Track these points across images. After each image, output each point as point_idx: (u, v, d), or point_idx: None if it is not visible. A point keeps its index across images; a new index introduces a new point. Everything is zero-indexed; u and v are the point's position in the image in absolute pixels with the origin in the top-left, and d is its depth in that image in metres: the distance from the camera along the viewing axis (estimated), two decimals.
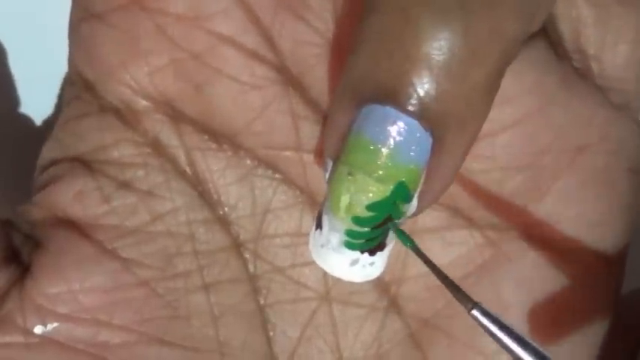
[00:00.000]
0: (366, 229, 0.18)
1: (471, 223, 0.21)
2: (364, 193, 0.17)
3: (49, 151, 0.21)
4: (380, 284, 0.21)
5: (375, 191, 0.17)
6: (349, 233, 0.18)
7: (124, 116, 0.21)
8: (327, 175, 0.18)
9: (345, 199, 0.18)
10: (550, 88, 0.20)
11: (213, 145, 0.21)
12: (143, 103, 0.20)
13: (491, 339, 0.21)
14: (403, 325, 0.21)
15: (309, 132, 0.20)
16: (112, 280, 0.20)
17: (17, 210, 0.21)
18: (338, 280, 0.21)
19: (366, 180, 0.17)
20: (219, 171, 0.21)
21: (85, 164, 0.21)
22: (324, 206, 0.18)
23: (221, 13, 0.20)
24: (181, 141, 0.21)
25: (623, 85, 0.20)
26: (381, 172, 0.17)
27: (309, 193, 0.21)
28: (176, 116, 0.20)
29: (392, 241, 0.19)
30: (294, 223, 0.21)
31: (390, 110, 0.17)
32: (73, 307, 0.20)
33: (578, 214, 0.20)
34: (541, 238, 0.21)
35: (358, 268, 0.19)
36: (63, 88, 0.25)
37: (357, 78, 0.17)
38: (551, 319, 0.21)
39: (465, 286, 0.21)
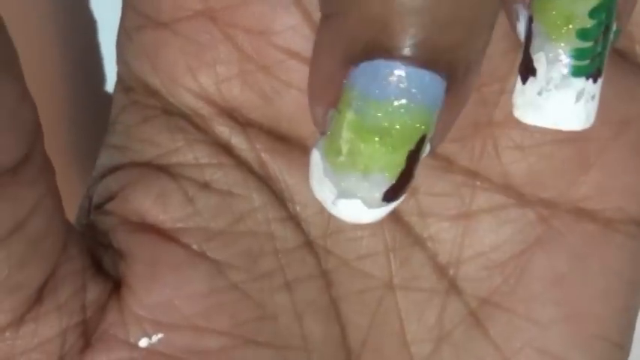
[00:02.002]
0: (591, 43, 0.18)
1: (522, 200, 0.22)
2: (583, 0, 0.17)
3: (108, 160, 0.21)
4: (438, 268, 0.22)
5: None
6: (575, 54, 0.18)
7: (193, 121, 0.21)
8: (520, 24, 0.18)
9: (564, 15, 0.18)
10: None
11: (282, 147, 0.21)
12: (211, 109, 0.20)
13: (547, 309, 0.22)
14: (463, 305, 0.22)
15: None
16: (208, 285, 0.20)
17: (83, 222, 0.21)
18: (400, 268, 0.22)
19: None
20: (289, 171, 0.21)
21: (160, 168, 0.20)
22: (532, 47, 0.18)
23: (290, 29, 0.20)
24: (251, 144, 0.21)
25: None
26: None
27: None
28: (244, 122, 0.21)
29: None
30: None
31: None
32: (174, 316, 0.19)
33: (624, 185, 0.22)
34: (589, 210, 0.22)
35: (582, 105, 0.18)
36: None
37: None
38: (603, 287, 0.22)
39: (521, 261, 0.22)
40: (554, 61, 0.18)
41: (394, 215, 0.22)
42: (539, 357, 0.22)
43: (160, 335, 0.19)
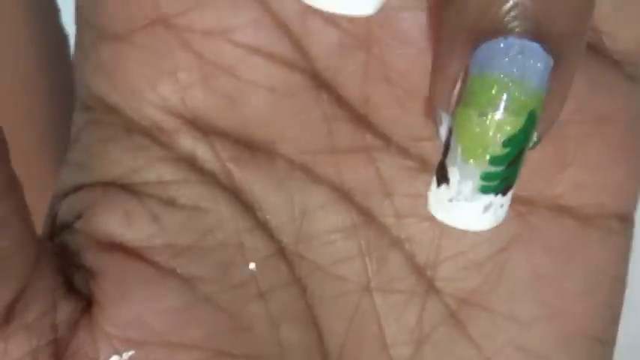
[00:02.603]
0: (502, 167, 0.18)
1: None
2: (498, 130, 0.18)
3: (70, 178, 0.21)
4: (416, 269, 0.22)
5: (509, 126, 0.18)
6: (485, 176, 0.18)
7: (155, 136, 0.20)
8: (443, 128, 0.18)
9: (479, 141, 0.18)
10: None
11: (248, 155, 0.21)
12: (174, 121, 0.20)
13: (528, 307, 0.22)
14: (443, 305, 0.22)
15: (344, 132, 0.21)
16: (179, 299, 0.20)
17: (48, 237, 0.21)
18: (377, 270, 0.22)
19: (498, 117, 0.17)
20: (256, 179, 0.21)
21: (123, 187, 0.20)
22: (448, 159, 0.18)
23: (250, 24, 0.20)
24: (215, 154, 0.21)
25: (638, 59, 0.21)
26: (513, 106, 0.17)
27: (344, 192, 0.21)
28: (208, 130, 0.20)
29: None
30: (330, 222, 0.21)
31: (511, 41, 0.17)
32: (146, 332, 0.19)
33: (602, 180, 0.22)
34: (567, 207, 0.22)
35: (490, 214, 0.19)
36: None
37: (468, 20, 0.17)
38: (584, 284, 0.22)
39: (500, 260, 0.22)
40: (466, 178, 0.18)
41: (368, 218, 0.21)
42: (520, 356, 0.22)
43: (131, 352, 0.19)
